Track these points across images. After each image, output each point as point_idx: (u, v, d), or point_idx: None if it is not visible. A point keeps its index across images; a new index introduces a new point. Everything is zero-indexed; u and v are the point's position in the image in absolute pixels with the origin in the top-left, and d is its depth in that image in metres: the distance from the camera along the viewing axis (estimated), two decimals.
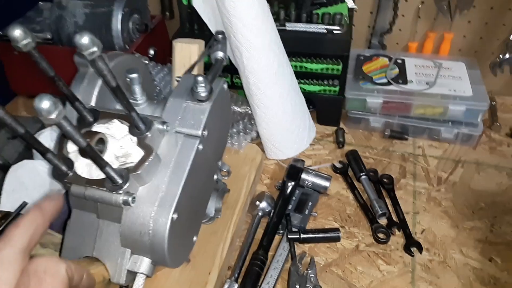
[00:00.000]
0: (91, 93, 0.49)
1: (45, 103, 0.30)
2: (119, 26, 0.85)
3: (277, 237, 0.70)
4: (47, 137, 0.69)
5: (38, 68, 0.40)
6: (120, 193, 0.42)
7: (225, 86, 0.52)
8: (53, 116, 0.31)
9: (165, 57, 0.98)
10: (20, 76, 0.96)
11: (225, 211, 0.69)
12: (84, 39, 0.34)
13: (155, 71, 0.82)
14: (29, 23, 0.96)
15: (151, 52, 0.94)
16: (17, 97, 1.02)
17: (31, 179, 0.68)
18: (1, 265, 0.30)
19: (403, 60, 0.91)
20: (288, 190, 0.73)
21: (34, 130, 0.80)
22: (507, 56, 0.87)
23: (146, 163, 0.43)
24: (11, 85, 0.98)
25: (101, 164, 0.39)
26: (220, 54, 0.53)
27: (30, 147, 0.40)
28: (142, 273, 0.45)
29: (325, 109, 0.89)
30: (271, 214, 0.71)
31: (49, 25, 0.90)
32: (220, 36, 0.54)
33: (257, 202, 0.72)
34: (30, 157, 0.76)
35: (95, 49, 0.34)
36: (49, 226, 0.35)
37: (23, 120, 0.80)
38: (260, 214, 0.72)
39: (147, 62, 0.65)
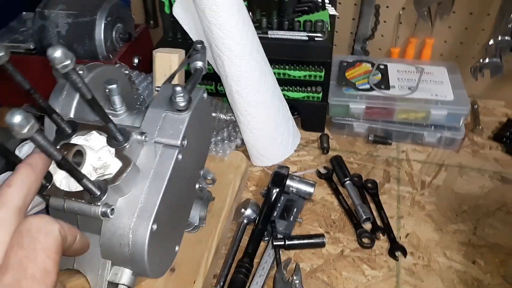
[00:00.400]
0: (70, 105, 0.49)
1: (16, 118, 0.30)
2: (102, 36, 0.85)
3: (262, 244, 0.70)
4: (30, 150, 0.68)
5: (13, 81, 0.40)
6: (99, 205, 0.42)
7: (205, 95, 0.53)
8: (25, 130, 0.31)
9: (149, 66, 0.98)
10: (1, 86, 0.95)
11: (210, 220, 0.69)
12: (57, 53, 0.34)
13: (139, 80, 0.82)
14: (12, 33, 0.96)
15: (135, 60, 0.94)
16: (2, 108, 1.01)
17: None
18: None
19: (386, 66, 0.92)
20: (273, 197, 0.74)
21: (17, 142, 0.80)
22: (487, 60, 0.89)
23: (124, 174, 0.43)
24: None
25: (78, 176, 0.39)
26: (199, 64, 0.53)
27: (7, 160, 0.40)
28: (123, 284, 0.45)
29: (309, 116, 0.90)
30: (256, 221, 0.71)
31: (32, 35, 0.89)
32: (199, 45, 0.54)
33: (242, 210, 0.73)
34: (12, 169, 0.75)
35: (68, 62, 0.34)
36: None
37: (5, 132, 0.80)
38: (245, 221, 0.72)
39: (127, 72, 0.65)
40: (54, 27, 0.87)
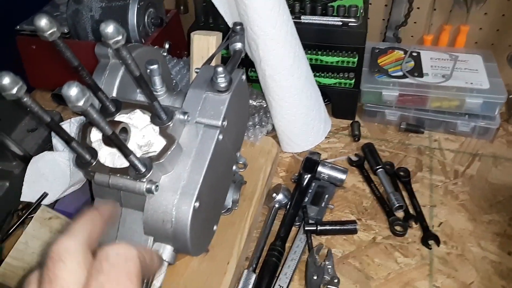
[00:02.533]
0: (113, 84, 0.50)
1: (73, 90, 0.31)
2: (135, 20, 0.86)
3: (293, 229, 0.70)
4: (67, 129, 0.70)
5: (62, 58, 0.41)
6: (144, 182, 0.42)
7: (244, 77, 0.53)
8: (80, 103, 0.31)
9: (179, 51, 0.99)
10: (38, 70, 0.97)
11: (242, 203, 0.69)
12: (110, 28, 0.34)
13: (171, 64, 0.83)
14: None
15: (166, 46, 0.94)
16: (35, 91, 1.03)
17: (51, 171, 0.69)
18: (68, 256, 0.28)
19: (419, 53, 0.91)
20: (305, 183, 0.74)
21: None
22: None
23: (169, 152, 0.43)
24: (29, 79, 0.99)
25: (126, 152, 0.39)
26: (238, 45, 0.53)
27: (58, 135, 0.41)
28: (164, 260, 0.45)
29: (341, 102, 0.89)
30: (288, 206, 0.71)
31: (65, 20, 0.91)
32: (238, 27, 0.54)
33: (274, 194, 0.73)
34: (50, 149, 0.77)
35: (119, 37, 0.35)
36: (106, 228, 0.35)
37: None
38: (276, 206, 0.72)
39: (165, 54, 0.65)
40: (88, 11, 0.88)
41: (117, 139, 0.37)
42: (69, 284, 0.28)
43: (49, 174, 0.69)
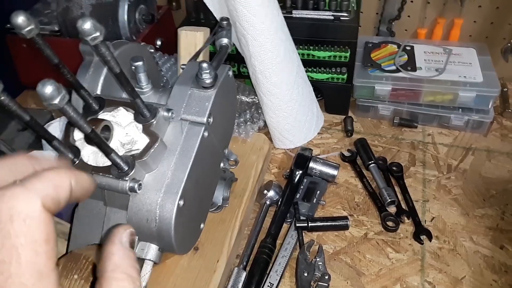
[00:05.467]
0: (97, 82, 0.49)
1: (48, 88, 0.30)
2: (125, 17, 0.85)
3: (285, 226, 0.70)
4: (56, 128, 0.69)
5: (42, 55, 0.40)
6: (126, 180, 0.42)
7: (230, 73, 0.52)
8: (56, 101, 0.31)
9: (171, 48, 0.98)
10: (29, 68, 0.96)
11: (233, 200, 0.69)
12: (87, 25, 0.34)
13: (162, 61, 0.82)
14: (37, 15, 0.96)
15: (158, 42, 0.94)
16: (27, 90, 1.02)
17: None
18: None
19: (412, 47, 0.90)
20: (296, 179, 0.73)
21: (44, 121, 0.81)
22: None
23: (152, 150, 0.43)
24: (21, 78, 0.98)
25: (107, 150, 0.39)
26: (225, 41, 0.52)
27: (38, 137, 0.40)
28: (149, 259, 0.45)
29: (333, 98, 0.88)
30: (279, 203, 0.71)
31: (56, 17, 0.90)
32: (224, 22, 0.54)
33: (265, 191, 0.72)
34: (40, 148, 0.76)
35: (97, 34, 0.34)
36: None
37: (32, 112, 0.81)
38: (268, 202, 0.72)
39: (152, 50, 0.65)
40: (78, 8, 0.87)
41: (96, 137, 0.37)
42: None
43: None
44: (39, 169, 0.26)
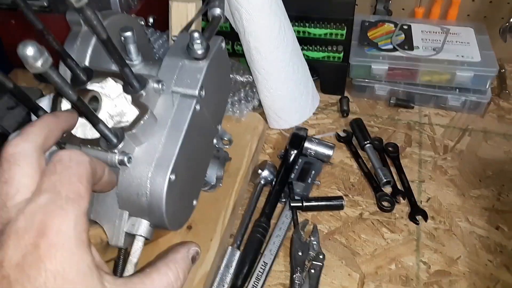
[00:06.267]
0: (85, 52, 0.47)
1: (29, 50, 0.29)
2: None
3: (279, 206, 0.69)
4: (45, 104, 0.67)
5: (29, 30, 0.39)
6: (116, 153, 0.40)
7: (223, 44, 0.50)
8: (38, 64, 0.29)
9: (164, 25, 0.95)
10: (16, 46, 0.94)
11: (227, 179, 0.67)
12: None
13: (154, 37, 0.80)
14: None
15: (150, 20, 0.91)
16: (16, 70, 1.00)
17: None
18: (23, 159, 0.30)
19: (409, 26, 0.89)
20: (291, 159, 0.72)
21: (34, 99, 0.79)
22: None
23: (142, 122, 0.41)
24: (9, 57, 0.96)
25: (94, 120, 0.37)
26: (217, 11, 0.50)
27: (23, 104, 0.39)
28: (140, 235, 0.44)
29: (329, 77, 0.87)
30: (274, 183, 0.70)
31: None
32: None
33: (259, 171, 0.71)
34: None
35: None
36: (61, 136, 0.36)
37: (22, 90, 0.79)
38: (262, 182, 0.71)
39: (143, 23, 0.63)
40: None
41: (83, 106, 0.35)
42: (24, 186, 0.29)
43: None
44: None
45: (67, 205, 0.29)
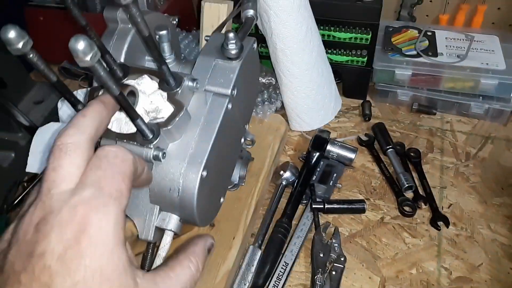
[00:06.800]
0: (121, 50, 0.49)
1: (80, 44, 0.29)
2: None
3: (300, 207, 0.69)
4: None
5: (70, 29, 0.39)
6: (151, 148, 0.41)
7: (255, 45, 0.51)
8: (88, 58, 0.30)
9: (188, 26, 0.97)
10: (45, 42, 0.95)
11: (249, 179, 0.68)
12: None
13: (180, 37, 0.81)
14: None
15: (175, 20, 0.92)
16: None
17: None
18: (73, 150, 0.30)
19: (433, 33, 0.88)
20: (313, 160, 0.72)
21: (57, 98, 0.80)
22: None
23: (177, 118, 0.42)
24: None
25: (133, 115, 0.38)
26: (250, 12, 0.51)
27: (64, 97, 0.40)
28: (170, 230, 0.45)
29: (352, 81, 0.87)
30: (295, 184, 0.70)
31: None
32: None
33: (281, 172, 0.72)
34: (56, 120, 0.76)
35: None
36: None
37: (46, 87, 0.81)
38: (284, 183, 0.71)
39: (175, 22, 0.64)
40: None
41: (124, 100, 0.36)
42: (71, 176, 0.30)
43: None
44: None
45: (109, 202, 0.29)
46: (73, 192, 0.29)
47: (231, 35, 0.45)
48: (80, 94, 0.71)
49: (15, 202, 0.71)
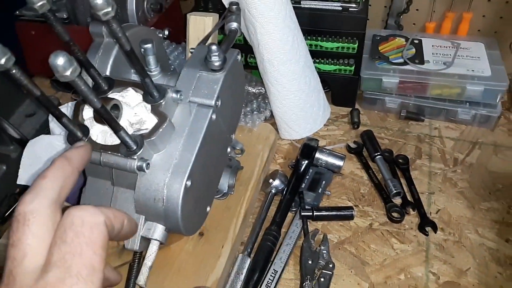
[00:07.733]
0: (106, 63, 0.50)
1: (60, 60, 0.30)
2: (134, 6, 0.85)
3: (289, 215, 0.70)
4: (65, 112, 0.70)
5: (50, 41, 0.41)
6: (135, 159, 0.42)
7: (239, 57, 0.52)
8: (67, 73, 0.31)
9: (179, 38, 0.98)
10: (37, 56, 0.97)
11: (239, 188, 0.69)
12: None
13: (170, 49, 0.82)
14: None
15: (166, 32, 0.93)
16: (34, 78, 1.03)
17: (47, 154, 0.69)
18: (33, 219, 0.27)
19: (420, 40, 0.90)
20: (302, 168, 0.73)
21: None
22: None
23: (160, 130, 0.43)
24: (28, 66, 0.99)
25: (116, 127, 0.39)
26: (234, 25, 0.52)
27: (49, 111, 0.40)
28: (156, 239, 0.45)
29: (340, 90, 0.88)
30: (284, 192, 0.71)
31: (65, 5, 0.90)
32: (234, 7, 0.54)
33: (271, 180, 0.72)
34: (47, 133, 0.77)
35: (109, 9, 0.34)
36: (78, 176, 0.33)
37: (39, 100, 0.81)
38: (273, 191, 0.72)
39: (161, 35, 0.65)
40: None
41: (106, 113, 0.37)
42: (34, 250, 0.27)
43: (46, 157, 0.68)
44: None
45: (78, 284, 0.26)
46: (37, 274, 0.26)
47: (213, 47, 0.46)
48: (70, 106, 0.72)
49: (7, 214, 0.71)
